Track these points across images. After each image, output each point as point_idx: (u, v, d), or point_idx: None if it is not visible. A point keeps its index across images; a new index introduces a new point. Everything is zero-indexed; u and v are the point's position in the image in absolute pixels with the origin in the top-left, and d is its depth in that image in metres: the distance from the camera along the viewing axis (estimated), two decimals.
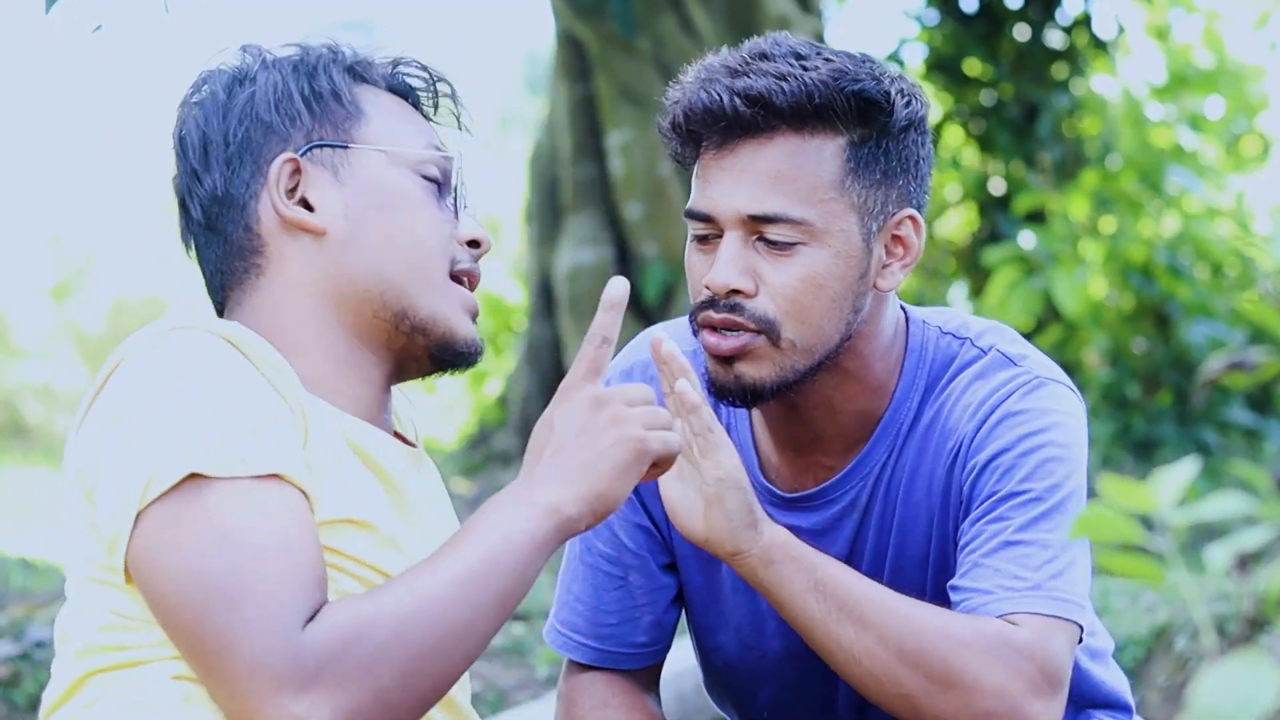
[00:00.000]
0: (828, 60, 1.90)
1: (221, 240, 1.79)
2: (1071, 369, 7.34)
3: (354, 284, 1.77)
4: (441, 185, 1.84)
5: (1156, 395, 7.30)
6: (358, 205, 1.79)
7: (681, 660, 3.45)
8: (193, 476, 1.55)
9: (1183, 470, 1.07)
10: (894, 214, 1.93)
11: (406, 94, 1.88)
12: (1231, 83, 8.21)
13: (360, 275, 1.77)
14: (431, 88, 1.90)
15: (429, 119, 1.89)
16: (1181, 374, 7.22)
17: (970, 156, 8.16)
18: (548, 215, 7.09)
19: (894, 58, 8.06)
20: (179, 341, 1.63)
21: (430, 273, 1.79)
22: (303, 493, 1.59)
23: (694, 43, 6.33)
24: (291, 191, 1.78)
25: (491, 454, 7.37)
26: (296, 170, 1.78)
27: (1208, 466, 6.50)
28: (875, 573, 2.01)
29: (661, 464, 1.71)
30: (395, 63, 1.88)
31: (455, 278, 1.82)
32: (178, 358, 1.61)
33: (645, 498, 2.08)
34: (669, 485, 1.87)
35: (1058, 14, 7.93)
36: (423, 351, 1.79)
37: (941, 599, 1.97)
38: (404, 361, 1.80)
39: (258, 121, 1.79)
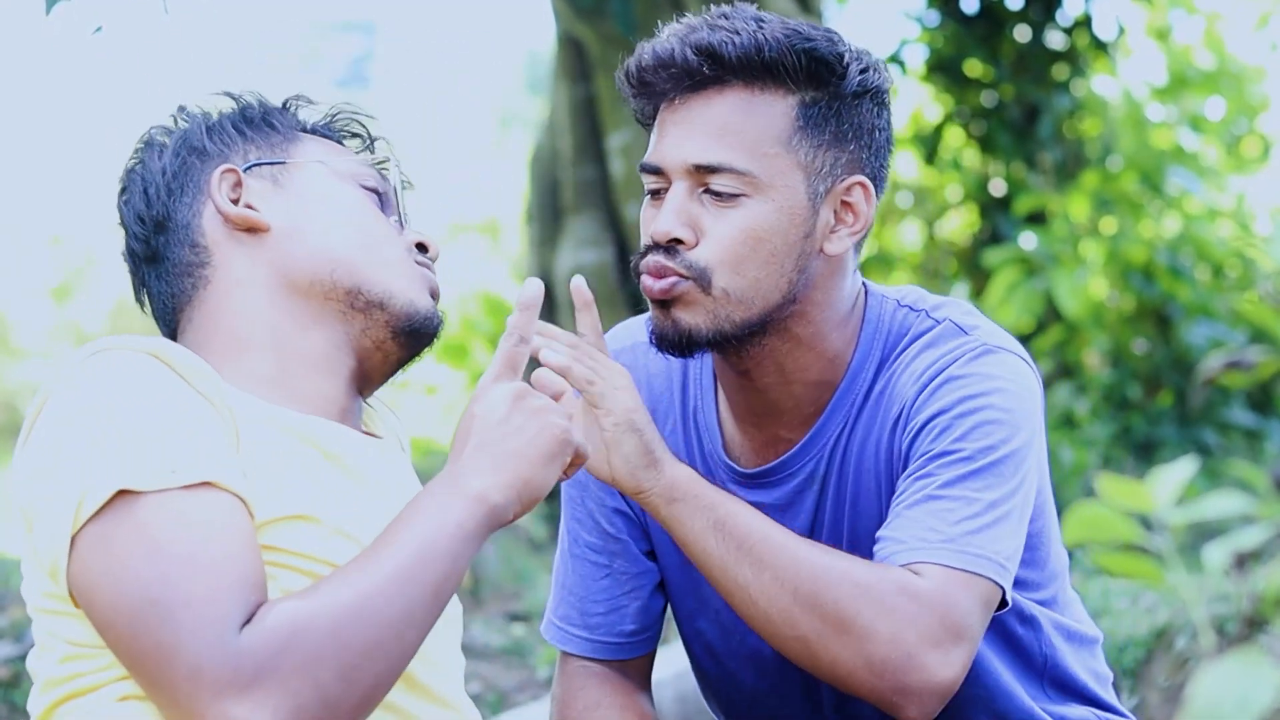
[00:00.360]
0: (785, 23, 1.94)
1: (168, 266, 1.82)
2: (1072, 370, 7.34)
3: (302, 270, 1.79)
4: (382, 198, 1.87)
5: (1157, 396, 7.30)
6: (301, 203, 1.82)
7: (682, 660, 3.45)
8: (122, 493, 1.55)
9: (1181, 469, 1.07)
10: (843, 178, 1.95)
11: (340, 142, 1.92)
12: (1232, 84, 8.21)
13: (307, 259, 1.79)
14: (367, 137, 1.94)
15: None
16: (1182, 375, 7.22)
17: (971, 157, 8.15)
18: (548, 216, 7.09)
19: (895, 59, 8.05)
20: (101, 363, 1.64)
21: (382, 251, 1.82)
22: (238, 498, 1.60)
23: None
24: (235, 201, 1.81)
25: None
26: (238, 183, 1.81)
27: (1207, 467, 6.50)
28: (835, 543, 2.02)
29: (578, 460, 1.73)
30: (332, 114, 1.94)
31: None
32: (100, 379, 1.62)
33: None
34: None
35: (1058, 15, 7.92)
36: (384, 330, 1.81)
37: None
38: (365, 351, 1.82)
39: (192, 150, 1.84)
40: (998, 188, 8.02)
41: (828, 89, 1.93)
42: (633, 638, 2.14)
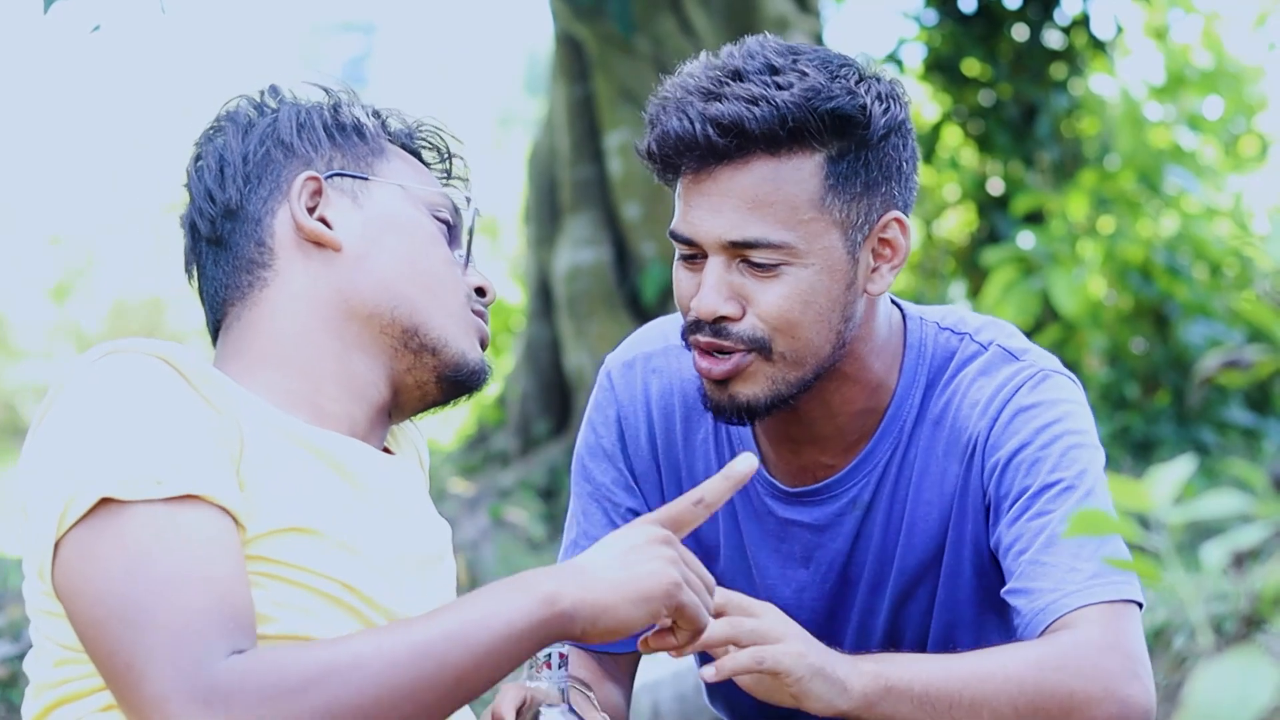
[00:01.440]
0: (802, 75, 1.87)
1: (230, 256, 1.79)
2: (1070, 369, 7.32)
3: (363, 299, 1.77)
4: (452, 230, 1.85)
5: (1155, 395, 7.30)
6: (375, 228, 1.80)
7: (682, 659, 3.45)
8: (107, 501, 1.53)
9: (1179, 468, 1.07)
10: (878, 220, 1.92)
11: (418, 154, 1.90)
12: (1230, 83, 8.20)
13: (371, 291, 1.77)
14: (446, 156, 1.92)
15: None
16: (1180, 374, 7.22)
17: (969, 157, 8.15)
18: (546, 215, 7.09)
19: (892, 58, 8.05)
20: (109, 365, 1.61)
21: (445, 296, 1.80)
22: (227, 512, 1.56)
23: (693, 43, 6.33)
24: (311, 210, 1.79)
25: (490, 454, 7.36)
26: (318, 191, 1.79)
27: (1205, 466, 6.49)
28: (881, 569, 2.02)
29: (683, 626, 1.65)
30: (416, 124, 1.91)
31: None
32: (105, 382, 1.60)
33: (642, 485, 2.09)
34: (750, 676, 1.81)
35: (1056, 14, 7.92)
36: (430, 374, 1.79)
37: (950, 600, 1.98)
38: (405, 387, 1.80)
39: (279, 143, 1.81)
40: (995, 187, 8.02)
41: (854, 140, 1.89)
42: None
